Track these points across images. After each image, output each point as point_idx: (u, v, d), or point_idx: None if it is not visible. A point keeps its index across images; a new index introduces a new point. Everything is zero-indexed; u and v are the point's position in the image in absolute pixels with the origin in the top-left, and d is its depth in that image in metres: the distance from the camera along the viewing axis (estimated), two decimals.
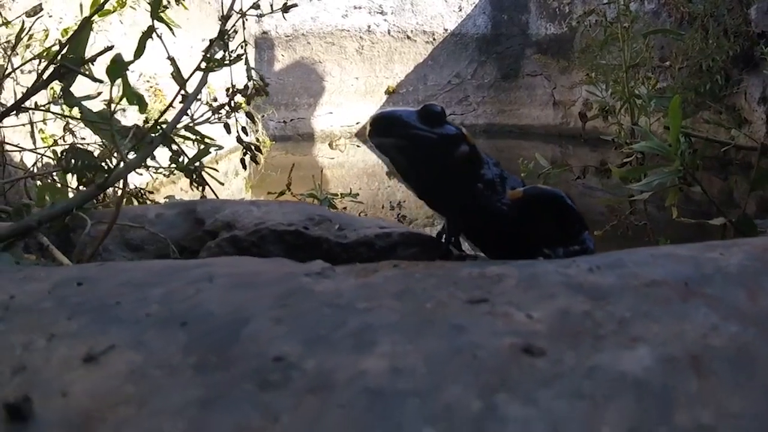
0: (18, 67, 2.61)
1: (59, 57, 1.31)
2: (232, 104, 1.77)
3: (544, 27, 8.19)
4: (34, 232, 1.18)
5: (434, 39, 8.68)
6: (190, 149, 1.49)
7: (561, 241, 0.81)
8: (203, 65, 1.39)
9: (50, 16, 3.20)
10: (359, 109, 8.33)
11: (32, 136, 3.02)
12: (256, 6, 1.59)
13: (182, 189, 3.97)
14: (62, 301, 0.53)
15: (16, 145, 2.50)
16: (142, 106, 1.03)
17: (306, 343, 0.34)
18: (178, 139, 1.44)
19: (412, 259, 0.73)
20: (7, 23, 2.23)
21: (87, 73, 1.33)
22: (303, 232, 0.82)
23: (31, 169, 2.31)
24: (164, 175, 2.59)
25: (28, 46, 3.01)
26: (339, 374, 0.30)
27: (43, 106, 2.17)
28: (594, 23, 3.83)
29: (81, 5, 2.92)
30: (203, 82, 1.39)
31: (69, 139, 2.95)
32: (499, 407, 0.26)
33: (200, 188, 1.39)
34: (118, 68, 0.94)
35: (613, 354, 0.30)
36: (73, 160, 1.35)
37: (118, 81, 1.15)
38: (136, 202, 1.69)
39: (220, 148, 1.28)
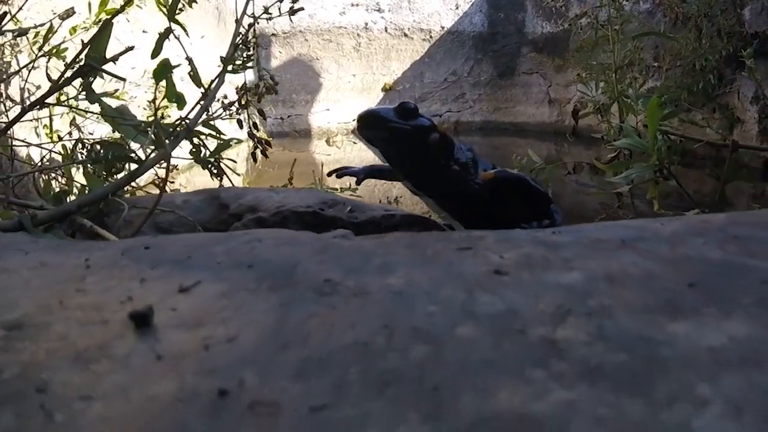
0: (29, 63, 2.69)
1: (83, 55, 1.42)
2: (242, 101, 1.90)
3: (540, 25, 8.30)
4: (72, 216, 1.31)
5: (431, 36, 8.76)
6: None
7: (533, 217, 0.97)
8: (220, 67, 1.51)
9: (54, 13, 3.28)
10: (356, 106, 8.40)
11: (45, 129, 3.12)
12: (267, 11, 1.72)
13: (181, 185, 4.08)
14: (138, 259, 0.66)
15: (22, 140, 2.59)
16: (181, 104, 1.16)
17: (345, 272, 0.47)
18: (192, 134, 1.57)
19: None
20: (33, 27, 2.33)
21: (109, 71, 1.45)
22: (319, 213, 0.96)
23: (39, 163, 2.41)
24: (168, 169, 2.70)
25: (35, 44, 3.10)
26: (372, 286, 0.44)
27: (65, 102, 2.27)
28: (586, 25, 3.94)
29: (89, 4, 3.02)
30: (221, 82, 1.52)
31: (75, 134, 3.05)
32: (476, 297, 0.40)
33: (219, 179, 1.52)
34: (164, 70, 1.07)
35: (555, 275, 0.45)
36: (102, 153, 1.48)
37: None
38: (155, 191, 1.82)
39: (239, 142, 1.41)
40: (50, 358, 0.45)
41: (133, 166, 1.18)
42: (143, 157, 1.40)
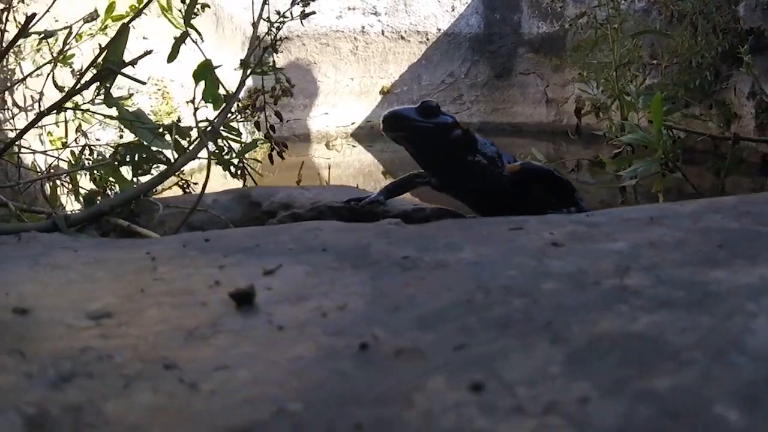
0: (36, 69, 2.72)
1: (101, 60, 1.47)
2: (257, 104, 1.95)
3: (536, 26, 8.37)
4: (105, 217, 1.36)
5: (428, 39, 8.81)
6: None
7: (559, 206, 1.03)
8: (241, 70, 1.57)
9: (56, 21, 3.31)
10: (354, 109, 8.47)
11: (49, 137, 3.15)
12: (283, 16, 1.77)
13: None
14: (205, 249, 0.70)
15: (28, 148, 2.61)
16: (217, 104, 1.21)
17: (417, 250, 0.53)
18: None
19: None
20: (47, 36, 2.37)
21: (129, 75, 1.50)
22: (355, 207, 1.02)
23: (45, 170, 2.43)
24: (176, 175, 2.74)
25: (38, 50, 3.13)
26: (448, 260, 0.49)
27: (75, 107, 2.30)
28: (585, 24, 4.00)
29: (95, 10, 3.05)
30: (242, 85, 1.57)
31: (81, 140, 3.08)
32: (546, 263, 0.47)
33: (242, 179, 1.58)
34: (204, 71, 1.12)
35: (603, 244, 0.52)
36: (128, 155, 1.53)
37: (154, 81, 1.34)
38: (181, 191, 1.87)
39: (265, 142, 1.47)
40: (160, 338, 0.48)
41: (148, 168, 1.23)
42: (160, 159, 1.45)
